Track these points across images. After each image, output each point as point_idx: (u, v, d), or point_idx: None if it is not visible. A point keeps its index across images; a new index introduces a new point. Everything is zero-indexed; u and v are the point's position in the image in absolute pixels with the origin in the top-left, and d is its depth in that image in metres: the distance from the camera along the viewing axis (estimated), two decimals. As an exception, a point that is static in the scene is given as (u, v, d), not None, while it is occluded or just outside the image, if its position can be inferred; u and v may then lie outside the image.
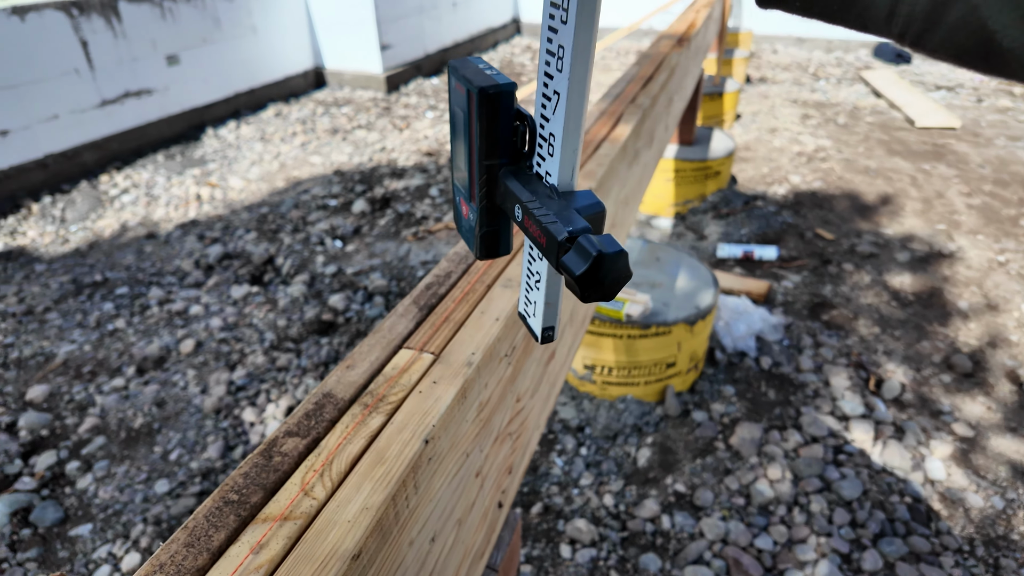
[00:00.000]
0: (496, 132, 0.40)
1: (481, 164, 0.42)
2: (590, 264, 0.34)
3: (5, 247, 3.35)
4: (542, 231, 0.37)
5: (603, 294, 0.36)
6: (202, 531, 0.42)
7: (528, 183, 0.40)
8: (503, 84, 0.39)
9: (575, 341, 1.09)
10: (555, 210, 0.38)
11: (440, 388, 0.55)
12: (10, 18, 3.69)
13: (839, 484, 1.85)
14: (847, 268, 2.94)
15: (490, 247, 0.46)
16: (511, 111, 0.40)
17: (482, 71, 0.40)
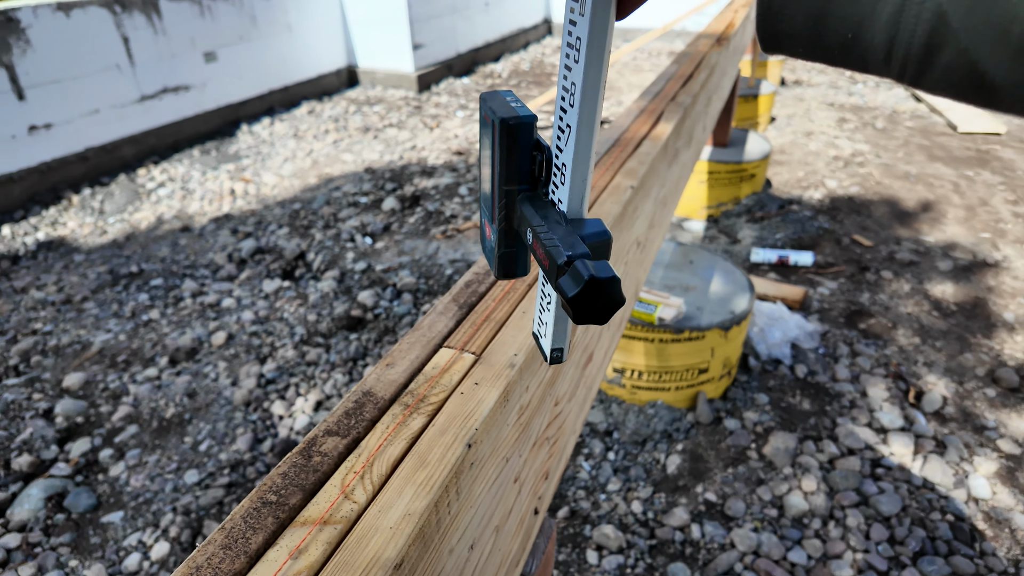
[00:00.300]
0: (515, 160, 0.43)
1: (501, 189, 0.45)
2: (582, 287, 0.36)
3: (46, 237, 3.43)
4: (546, 254, 0.40)
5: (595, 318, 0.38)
6: (239, 533, 0.40)
7: (541, 209, 0.43)
8: (523, 116, 0.42)
9: (612, 344, 1.06)
10: (560, 235, 0.40)
11: (482, 390, 0.53)
12: (56, 14, 3.78)
13: (877, 499, 1.79)
14: (886, 276, 2.86)
15: (508, 267, 0.49)
16: (530, 141, 0.43)
17: (508, 103, 0.44)
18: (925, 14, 0.28)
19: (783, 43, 0.34)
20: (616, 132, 1.21)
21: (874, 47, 0.31)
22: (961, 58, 0.28)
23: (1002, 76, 0.28)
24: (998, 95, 0.28)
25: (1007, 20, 0.27)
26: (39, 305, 2.80)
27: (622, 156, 1.09)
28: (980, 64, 0.28)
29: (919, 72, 0.30)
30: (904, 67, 0.30)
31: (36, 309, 2.77)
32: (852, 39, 0.31)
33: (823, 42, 0.32)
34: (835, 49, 0.32)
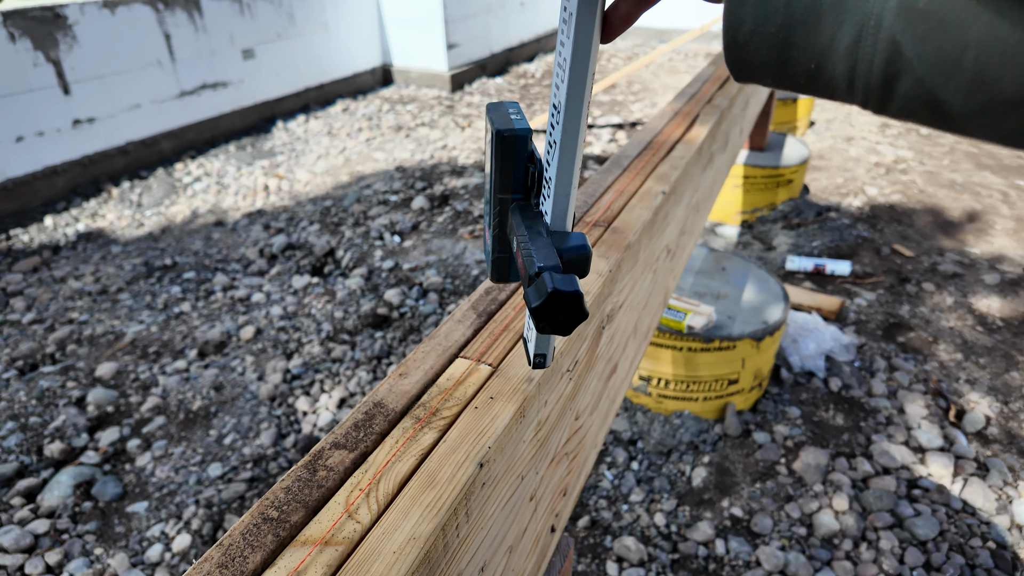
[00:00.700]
0: (509, 170, 0.45)
1: (496, 197, 0.46)
2: (544, 300, 0.37)
3: (86, 228, 3.52)
4: (523, 263, 0.41)
5: (557, 329, 0.39)
6: (237, 550, 0.39)
7: (529, 219, 0.44)
8: (519, 129, 0.43)
9: (638, 354, 1.03)
10: (538, 246, 0.41)
11: (498, 405, 0.51)
12: (101, 11, 3.88)
13: (912, 521, 1.71)
14: (927, 288, 2.75)
15: (501, 271, 0.51)
16: (524, 153, 0.44)
17: (508, 115, 0.45)
18: (880, 44, 0.29)
19: (752, 73, 0.35)
20: (649, 135, 1.17)
21: (836, 77, 0.31)
22: (919, 88, 0.28)
23: (959, 106, 0.28)
24: (958, 124, 0.29)
25: (959, 49, 0.27)
26: (76, 295, 2.87)
27: (654, 160, 1.05)
28: (937, 93, 0.28)
29: (881, 101, 0.30)
30: (867, 96, 0.31)
31: (73, 299, 2.84)
32: (816, 69, 0.32)
33: (789, 71, 0.33)
34: (801, 78, 0.33)
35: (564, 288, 0.37)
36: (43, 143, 3.74)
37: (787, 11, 0.31)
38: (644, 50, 7.41)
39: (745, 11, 0.32)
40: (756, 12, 0.32)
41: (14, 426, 2.09)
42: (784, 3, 0.31)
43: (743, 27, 0.33)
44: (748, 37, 0.33)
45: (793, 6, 0.31)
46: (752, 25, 0.32)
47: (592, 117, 5.01)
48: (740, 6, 0.33)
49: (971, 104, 0.27)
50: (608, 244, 0.76)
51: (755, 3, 0.32)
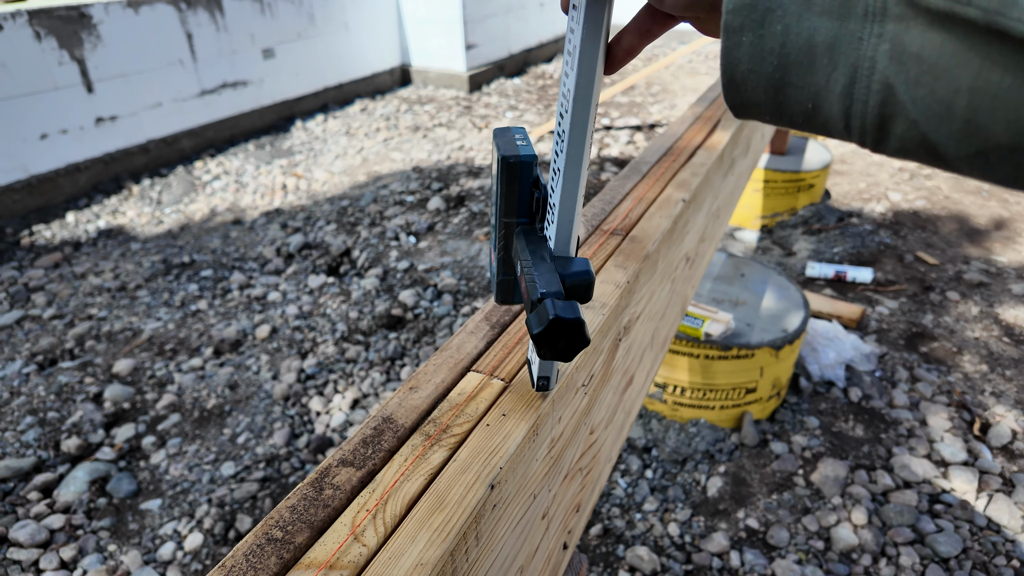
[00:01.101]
0: (515, 195, 0.45)
1: (500, 220, 0.47)
2: (545, 326, 0.37)
3: (107, 225, 3.56)
4: (526, 288, 0.41)
5: (558, 355, 0.39)
6: (239, 573, 0.38)
7: (533, 244, 0.45)
8: (523, 155, 0.44)
9: (654, 365, 1.01)
10: (542, 271, 0.42)
11: (510, 423, 0.49)
12: (125, 10, 3.92)
13: (934, 537, 1.67)
14: (952, 297, 2.69)
15: (506, 294, 0.51)
16: (529, 179, 0.45)
17: (514, 141, 0.45)
18: (875, 86, 0.29)
19: (750, 111, 0.35)
20: (669, 140, 1.15)
21: (833, 117, 0.31)
22: (913, 130, 0.29)
23: (953, 149, 0.28)
24: (954, 166, 0.29)
25: (951, 93, 0.27)
26: (96, 291, 2.90)
27: (674, 166, 1.03)
28: (930, 136, 0.28)
29: (877, 141, 0.30)
30: (863, 136, 0.31)
31: (93, 295, 2.87)
32: (812, 109, 0.32)
33: (786, 111, 0.33)
34: (799, 118, 0.33)
35: (566, 315, 0.37)
36: (67, 141, 3.79)
37: (782, 52, 0.32)
38: (664, 51, 7.35)
39: (741, 52, 0.33)
40: (752, 53, 0.33)
41: (33, 420, 2.11)
42: (779, 44, 0.31)
43: (740, 67, 0.33)
44: (745, 77, 0.34)
45: (788, 48, 0.31)
46: (749, 65, 0.33)
47: (611, 119, 4.98)
48: (736, 47, 0.33)
49: (964, 148, 0.28)
50: (626, 254, 0.74)
51: (751, 44, 0.32)
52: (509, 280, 0.50)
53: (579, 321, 0.38)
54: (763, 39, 0.32)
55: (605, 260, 0.73)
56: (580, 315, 0.38)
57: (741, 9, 0.32)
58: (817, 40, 0.30)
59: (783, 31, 0.31)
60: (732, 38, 0.33)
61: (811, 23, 0.30)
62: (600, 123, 4.90)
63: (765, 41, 0.32)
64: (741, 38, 0.33)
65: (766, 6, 0.31)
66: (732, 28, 0.33)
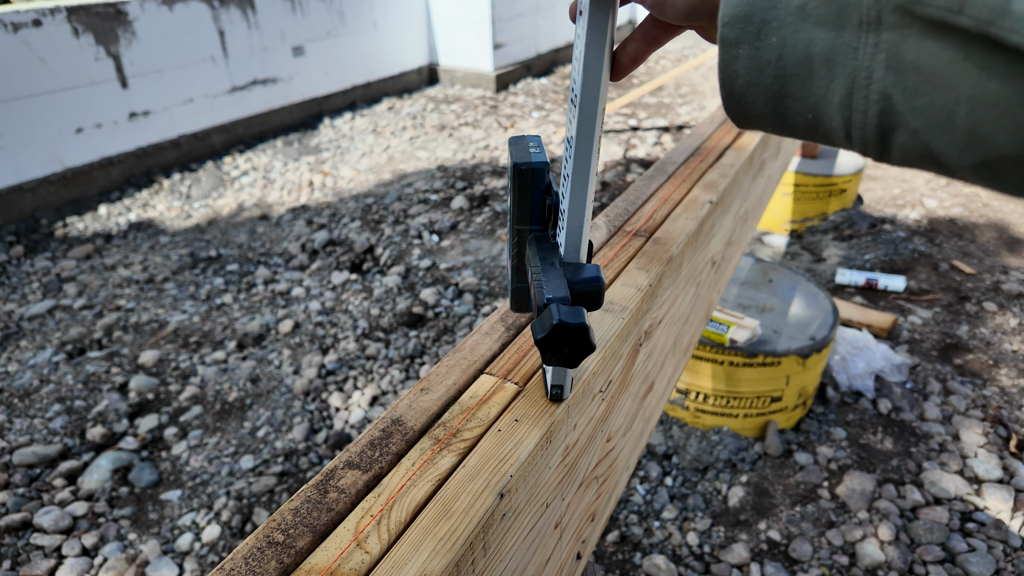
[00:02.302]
0: (527, 203, 0.45)
1: (514, 228, 0.47)
2: (548, 332, 0.37)
3: (137, 218, 3.62)
4: (534, 293, 0.42)
5: (562, 361, 0.39)
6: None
7: (545, 251, 0.45)
8: (535, 162, 0.44)
9: (676, 371, 0.98)
10: (550, 278, 0.41)
11: (522, 429, 0.47)
12: (160, 7, 3.99)
13: (965, 557, 1.61)
14: (989, 308, 2.60)
15: (520, 301, 0.51)
16: (541, 186, 0.44)
17: (527, 149, 0.45)
18: (872, 96, 0.28)
19: (752, 122, 0.35)
20: (696, 140, 1.12)
21: (834, 128, 0.31)
22: (914, 140, 0.28)
23: (957, 159, 0.27)
24: (959, 175, 0.28)
25: (951, 103, 0.26)
26: (125, 283, 2.95)
27: (702, 167, 1.00)
28: (932, 146, 0.28)
29: (880, 151, 0.30)
30: (865, 146, 0.30)
31: (122, 286, 2.92)
32: (813, 120, 0.32)
33: (788, 122, 0.33)
34: (801, 128, 0.33)
35: (570, 321, 0.37)
36: (101, 135, 3.87)
37: (779, 64, 0.31)
38: (694, 52, 7.26)
39: (739, 64, 0.33)
40: (749, 65, 0.32)
41: (60, 408, 2.15)
42: (776, 56, 0.31)
43: (738, 80, 0.33)
44: (744, 89, 0.33)
45: (784, 59, 0.31)
46: (747, 77, 0.33)
47: (638, 120, 4.93)
48: (734, 60, 0.33)
49: (968, 158, 0.27)
50: (649, 256, 0.72)
51: (748, 56, 0.32)
52: (523, 287, 0.50)
53: (583, 327, 0.37)
54: (760, 51, 0.31)
55: (627, 262, 0.71)
56: (585, 321, 0.37)
57: (736, 22, 0.32)
58: (814, 51, 0.30)
59: (779, 43, 0.31)
60: (729, 51, 0.33)
61: (807, 34, 0.30)
62: (627, 124, 4.85)
63: (762, 53, 0.31)
64: (738, 51, 0.32)
65: (762, 18, 0.31)
66: (728, 41, 0.32)
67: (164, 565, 1.64)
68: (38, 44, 3.48)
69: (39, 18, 3.46)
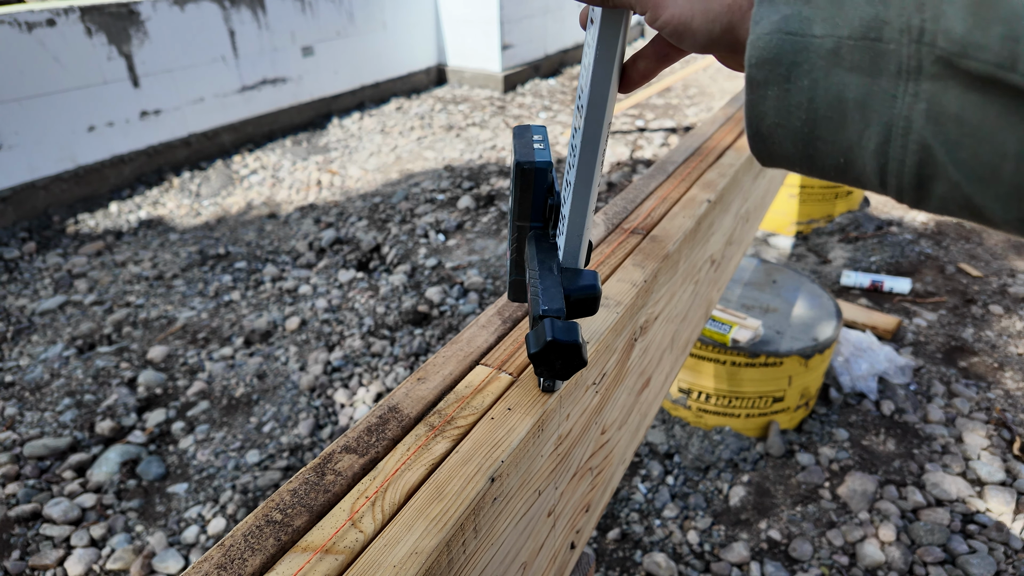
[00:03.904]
0: (528, 200, 0.45)
1: (514, 224, 0.46)
2: (541, 348, 0.37)
3: (148, 216, 3.66)
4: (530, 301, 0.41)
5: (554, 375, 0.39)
6: (238, 552, 0.38)
7: (543, 252, 0.44)
8: (538, 162, 0.43)
9: (674, 368, 0.99)
10: (547, 285, 0.41)
11: (515, 417, 0.49)
12: (172, 7, 4.04)
13: (966, 559, 1.61)
14: (995, 311, 2.59)
15: (518, 292, 0.51)
16: (543, 185, 0.44)
17: (531, 144, 0.44)
18: (911, 146, 0.28)
19: (778, 162, 0.34)
20: (697, 140, 1.14)
21: (867, 173, 0.30)
22: (955, 191, 0.27)
23: (1001, 212, 0.27)
24: (1002, 227, 0.28)
25: (996, 158, 0.25)
26: (134, 279, 2.99)
27: (701, 167, 1.01)
28: (975, 200, 0.27)
29: (917, 199, 0.29)
30: (901, 194, 0.30)
31: (131, 283, 2.96)
32: (845, 164, 0.31)
33: (817, 164, 0.32)
34: (830, 171, 0.32)
35: (563, 339, 0.37)
36: (112, 133, 3.92)
37: (810, 107, 0.30)
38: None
39: (767, 106, 0.32)
40: (778, 107, 0.32)
41: (70, 402, 2.19)
42: (807, 99, 0.30)
43: (766, 120, 0.32)
44: (772, 130, 0.33)
45: (816, 103, 0.30)
46: (775, 119, 0.32)
47: (645, 121, 4.93)
48: (761, 100, 0.32)
49: (1013, 212, 0.26)
50: (645, 253, 0.73)
51: (776, 97, 0.31)
52: (521, 280, 0.51)
53: (575, 345, 0.37)
54: (789, 93, 0.31)
55: (623, 258, 0.72)
56: (579, 339, 0.37)
57: (765, 64, 0.31)
58: (847, 96, 0.29)
59: (811, 86, 0.30)
60: (756, 92, 0.32)
61: (840, 78, 0.29)
62: (634, 125, 4.86)
63: (792, 96, 0.31)
64: (766, 92, 0.32)
65: (792, 60, 0.30)
66: (756, 82, 0.32)
67: (170, 557, 1.66)
68: (52, 43, 3.53)
69: (53, 18, 3.51)
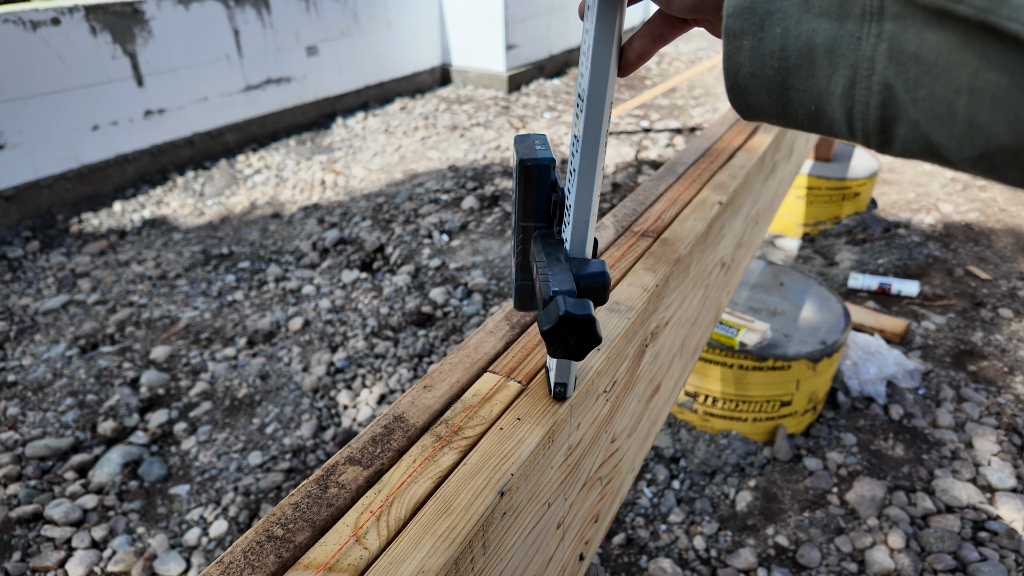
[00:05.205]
0: (532, 199, 0.45)
1: (519, 225, 0.47)
2: (555, 323, 0.37)
3: (151, 215, 3.66)
4: (539, 288, 0.41)
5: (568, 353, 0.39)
6: (236, 570, 0.36)
7: (549, 247, 0.45)
8: (541, 159, 0.44)
9: (684, 373, 0.97)
10: (556, 271, 0.41)
11: (524, 427, 0.47)
12: (176, 6, 4.03)
13: (977, 567, 1.59)
14: (1004, 314, 2.56)
15: (524, 300, 0.51)
16: (547, 182, 0.45)
17: (533, 146, 0.45)
18: (874, 87, 0.28)
19: (756, 113, 0.35)
20: (707, 141, 1.12)
21: (836, 119, 0.31)
22: (915, 131, 0.28)
23: (956, 151, 0.27)
24: (960, 167, 0.29)
25: (951, 94, 0.26)
26: (138, 279, 2.98)
27: (712, 168, 0.99)
28: (933, 138, 0.28)
29: (882, 143, 0.30)
30: (867, 138, 0.30)
31: (135, 282, 2.95)
32: (816, 112, 0.32)
33: (791, 113, 0.33)
34: (804, 120, 0.33)
35: (576, 312, 0.37)
36: (116, 132, 3.91)
37: (782, 55, 0.31)
38: (707, 54, 7.23)
39: (743, 56, 0.33)
40: (753, 57, 0.32)
41: (72, 402, 2.18)
42: (779, 47, 0.31)
43: (742, 71, 0.33)
44: (748, 81, 0.33)
45: (787, 51, 0.31)
46: (750, 69, 0.33)
47: (650, 121, 4.91)
48: (738, 51, 0.33)
49: (968, 150, 0.27)
50: (656, 256, 0.71)
51: (751, 47, 0.32)
52: (527, 285, 0.50)
53: (590, 318, 0.37)
54: (763, 42, 0.32)
55: (634, 262, 0.70)
56: (591, 312, 0.37)
57: (740, 13, 0.32)
58: (816, 42, 0.30)
59: (783, 34, 0.31)
60: (733, 42, 0.33)
61: (810, 25, 0.30)
62: (639, 125, 4.83)
63: (765, 44, 0.32)
64: (742, 42, 0.32)
65: (765, 9, 0.31)
66: (733, 32, 0.33)
67: (172, 559, 1.65)
68: (56, 42, 3.53)
69: (58, 16, 3.51)
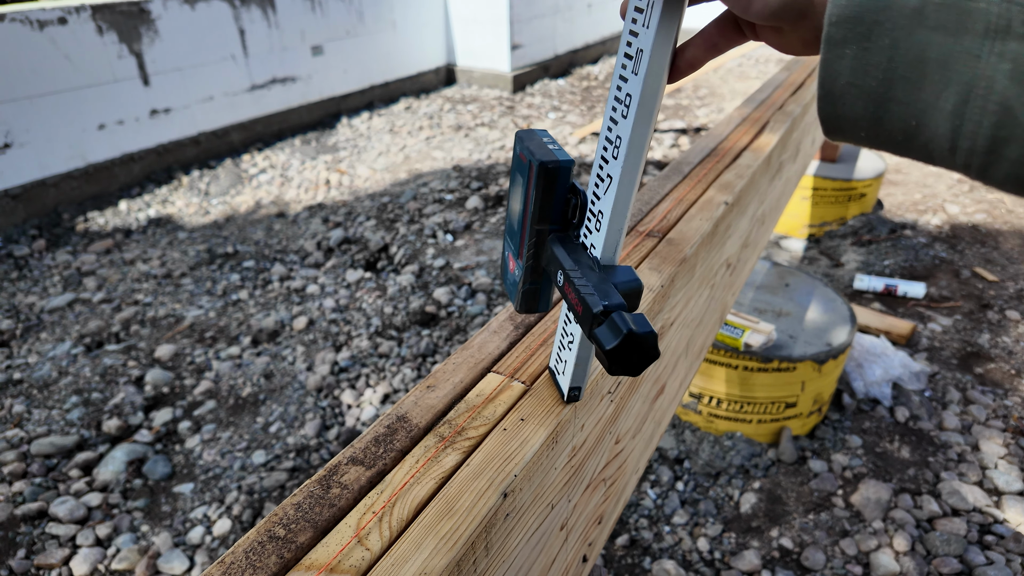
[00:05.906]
0: (550, 202, 0.44)
1: (532, 228, 0.45)
2: (620, 341, 0.36)
3: (157, 214, 3.67)
4: (580, 300, 0.40)
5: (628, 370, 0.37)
6: (238, 570, 0.36)
7: (573, 252, 0.44)
8: (562, 161, 0.43)
9: (688, 374, 0.97)
10: (594, 282, 0.40)
11: (528, 428, 0.47)
12: (182, 6, 4.04)
13: (983, 570, 1.58)
14: (1012, 316, 2.55)
15: (530, 303, 0.50)
16: (566, 185, 0.44)
17: (545, 145, 0.44)
18: (991, 106, 0.27)
19: (844, 127, 0.34)
20: (713, 141, 1.11)
21: (938, 137, 0.30)
22: None
23: None
24: None
25: None
26: (143, 277, 2.99)
27: (718, 168, 0.99)
28: None
29: (985, 165, 0.29)
30: (970, 159, 0.29)
31: (140, 281, 2.96)
32: (916, 127, 0.31)
33: (885, 127, 0.32)
34: (898, 135, 0.32)
35: (640, 330, 0.36)
36: (122, 131, 3.92)
37: (889, 66, 0.30)
38: (713, 55, 7.20)
39: (843, 64, 0.32)
40: (855, 66, 0.31)
41: (78, 400, 2.18)
42: (887, 58, 0.30)
43: (839, 80, 0.32)
44: (844, 90, 0.32)
45: (896, 61, 0.30)
46: (849, 78, 0.32)
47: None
48: (838, 59, 0.32)
49: None
50: (662, 256, 0.71)
51: (854, 57, 0.31)
52: (535, 289, 0.49)
53: (653, 334, 0.36)
54: (868, 52, 0.31)
55: (639, 262, 0.70)
56: (653, 328, 0.37)
57: (845, 21, 0.31)
58: (929, 55, 0.29)
59: (891, 45, 0.30)
60: (834, 50, 0.32)
61: (923, 37, 0.29)
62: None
63: (871, 55, 0.31)
64: (844, 50, 0.31)
65: (873, 19, 0.30)
66: (834, 40, 0.31)
67: (175, 557, 1.65)
68: (63, 41, 3.54)
69: (64, 16, 3.52)
